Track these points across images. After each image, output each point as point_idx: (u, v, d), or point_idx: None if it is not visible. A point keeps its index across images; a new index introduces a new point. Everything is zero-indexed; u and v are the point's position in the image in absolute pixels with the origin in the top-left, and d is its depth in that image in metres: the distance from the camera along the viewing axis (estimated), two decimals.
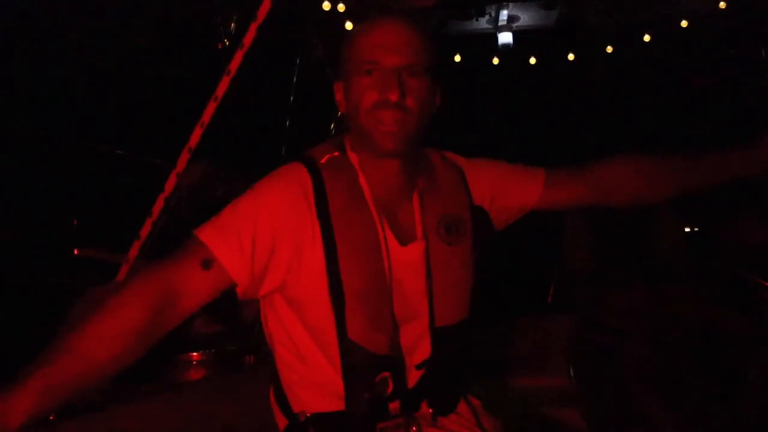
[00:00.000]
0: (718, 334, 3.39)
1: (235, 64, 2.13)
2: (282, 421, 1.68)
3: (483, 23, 5.01)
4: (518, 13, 4.93)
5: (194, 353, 2.37)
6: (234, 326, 2.40)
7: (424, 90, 1.55)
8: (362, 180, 1.60)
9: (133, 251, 2.07)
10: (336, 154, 1.62)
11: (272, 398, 1.72)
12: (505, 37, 5.03)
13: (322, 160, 1.60)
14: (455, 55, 5.10)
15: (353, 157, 1.62)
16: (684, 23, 4.65)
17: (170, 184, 2.09)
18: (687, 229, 4.37)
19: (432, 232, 1.62)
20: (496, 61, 5.17)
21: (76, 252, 2.53)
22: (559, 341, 3.52)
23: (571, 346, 3.48)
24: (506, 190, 1.76)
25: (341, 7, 3.79)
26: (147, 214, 2.12)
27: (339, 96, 1.64)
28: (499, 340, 3.37)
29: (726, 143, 1.82)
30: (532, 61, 5.14)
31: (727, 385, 3.21)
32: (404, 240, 1.60)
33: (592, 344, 3.54)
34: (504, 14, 4.92)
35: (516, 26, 4.99)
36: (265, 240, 1.51)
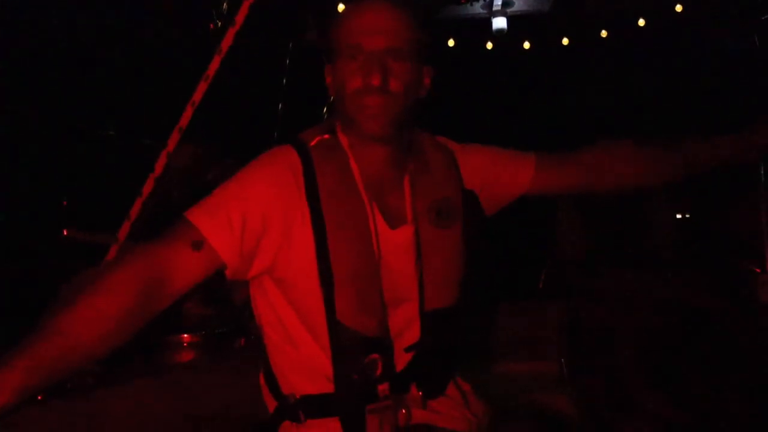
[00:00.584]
0: (708, 320, 3.41)
1: (226, 44, 2.12)
2: (272, 404, 1.69)
3: (477, 8, 4.98)
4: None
5: (185, 335, 2.36)
6: (225, 308, 2.40)
7: (409, 73, 1.55)
8: (352, 163, 1.60)
9: (123, 232, 2.06)
10: (326, 137, 1.62)
11: (262, 381, 1.72)
12: (500, 22, 5.00)
13: (313, 143, 1.61)
14: (449, 39, 5.08)
15: (344, 140, 1.62)
16: (678, 8, 4.65)
17: (160, 165, 2.08)
18: (678, 216, 4.39)
19: (422, 215, 1.62)
20: (489, 46, 5.15)
21: (65, 233, 2.52)
22: (550, 327, 3.53)
23: (562, 332, 3.49)
24: (497, 174, 1.76)
25: None
26: (137, 194, 2.11)
27: (329, 79, 1.63)
28: (491, 325, 3.37)
29: (718, 129, 1.82)
30: (526, 46, 5.12)
31: (716, 369, 3.23)
32: (394, 223, 1.60)
33: (583, 330, 3.56)
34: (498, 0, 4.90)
35: (510, 11, 4.97)
36: (255, 222, 1.52)
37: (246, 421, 1.86)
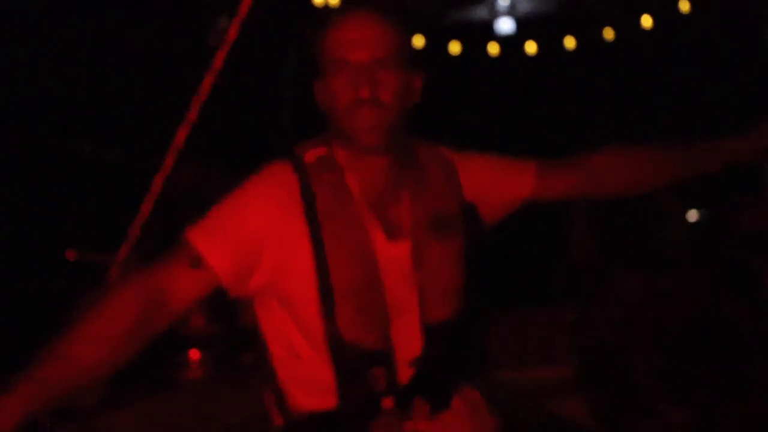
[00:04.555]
0: (723, 323, 3.37)
1: (220, 59, 2.12)
2: (278, 420, 1.67)
3: (480, 12, 4.98)
4: (518, 1, 4.90)
5: (192, 353, 2.36)
6: (232, 325, 2.40)
7: (398, 81, 1.54)
8: (349, 177, 1.59)
9: (123, 253, 2.06)
10: (323, 151, 1.61)
11: (268, 397, 1.71)
12: (505, 25, 4.99)
13: (309, 158, 1.60)
14: (453, 43, 5.07)
15: (340, 154, 1.61)
16: (685, 7, 4.63)
17: (157, 184, 2.08)
18: (691, 219, 4.35)
19: (421, 227, 1.61)
20: (494, 50, 5.14)
21: (69, 254, 2.53)
22: (563, 333, 3.51)
23: (576, 337, 3.46)
24: (498, 182, 1.74)
25: (334, 2, 3.77)
26: (136, 215, 2.11)
27: (319, 96, 1.62)
28: (504, 332, 3.36)
29: (725, 129, 1.80)
30: (532, 49, 5.10)
31: (733, 374, 3.19)
32: (393, 236, 1.59)
33: (597, 336, 3.53)
34: (503, 1, 4.89)
35: (515, 14, 4.96)
36: (252, 239, 1.52)
37: None
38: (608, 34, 4.89)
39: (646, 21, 4.75)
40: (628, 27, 4.85)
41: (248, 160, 1.73)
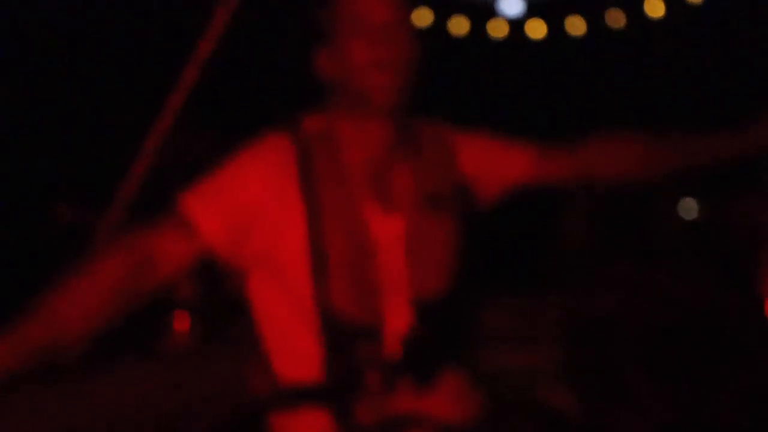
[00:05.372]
0: (713, 314, 3.38)
1: (218, 24, 2.09)
2: (262, 390, 1.67)
3: None
4: None
5: (178, 321, 2.35)
6: (221, 294, 2.39)
7: (412, 45, 1.56)
8: (346, 148, 1.58)
9: (112, 213, 2.04)
10: (321, 121, 1.61)
11: (253, 367, 1.70)
12: (513, 6, 4.95)
13: (307, 128, 1.59)
14: (459, 21, 5.03)
15: (339, 125, 1.60)
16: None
17: (150, 146, 2.06)
18: (687, 211, 4.35)
19: (417, 203, 1.60)
20: (500, 30, 5.10)
21: (59, 209, 2.51)
22: (552, 319, 3.51)
23: (564, 324, 3.47)
24: (497, 161, 1.73)
25: None
26: (127, 176, 2.09)
27: (322, 62, 1.60)
28: (492, 317, 3.35)
29: (726, 122, 1.79)
30: (542, 33, 5.07)
31: (719, 364, 3.20)
32: (387, 210, 1.58)
33: (585, 323, 3.53)
34: None
35: None
36: (245, 207, 1.52)
37: (238, 406, 1.85)
38: (618, 20, 4.87)
39: (657, 9, 4.72)
40: (638, 14, 4.82)
41: (245, 127, 1.72)
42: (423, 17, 4.70)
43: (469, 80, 5.04)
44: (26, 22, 3.55)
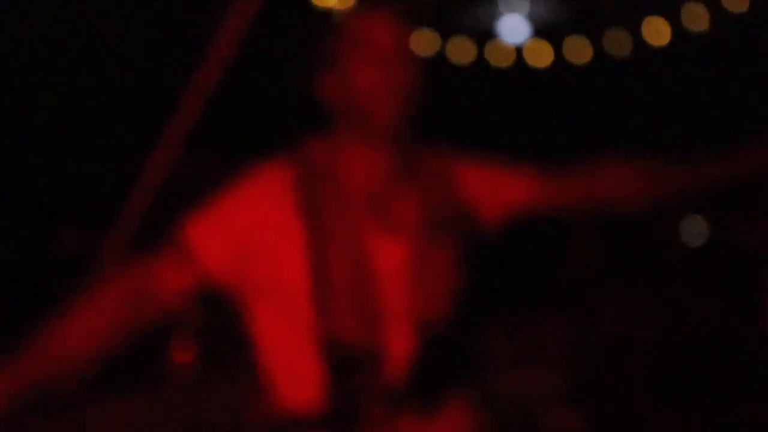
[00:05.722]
0: (718, 335, 3.36)
1: (222, 50, 2.10)
2: (266, 420, 1.65)
3: (495, 16, 4.97)
4: (534, 8, 4.89)
5: (180, 349, 2.34)
6: (223, 320, 2.37)
7: (417, 71, 1.57)
8: (349, 175, 1.58)
9: (114, 241, 2.04)
10: (324, 146, 1.61)
11: (255, 395, 1.69)
12: (516, 28, 4.98)
13: (309, 153, 1.59)
14: (464, 52, 5.06)
15: (340, 149, 1.60)
16: (701, 24, 4.63)
17: (152, 170, 2.06)
18: (694, 233, 4.34)
19: (419, 228, 1.59)
20: (510, 58, 5.12)
21: (60, 232, 2.51)
22: (559, 342, 3.49)
23: (571, 347, 3.45)
24: (498, 186, 1.73)
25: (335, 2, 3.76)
26: (130, 201, 2.09)
27: (326, 88, 1.61)
28: (501, 339, 3.34)
29: (729, 145, 1.79)
30: (549, 58, 5.09)
31: (727, 385, 3.18)
32: (390, 236, 1.57)
33: (593, 346, 3.51)
34: (515, 9, 4.88)
35: (528, 17, 4.95)
36: (246, 233, 1.51)
37: None
38: (622, 47, 4.91)
39: (663, 36, 4.76)
40: (642, 41, 4.85)
41: (247, 152, 1.72)
42: (425, 44, 4.74)
43: (472, 105, 5.07)
44: (27, 48, 3.58)
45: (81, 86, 3.69)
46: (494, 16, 4.96)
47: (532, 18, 4.96)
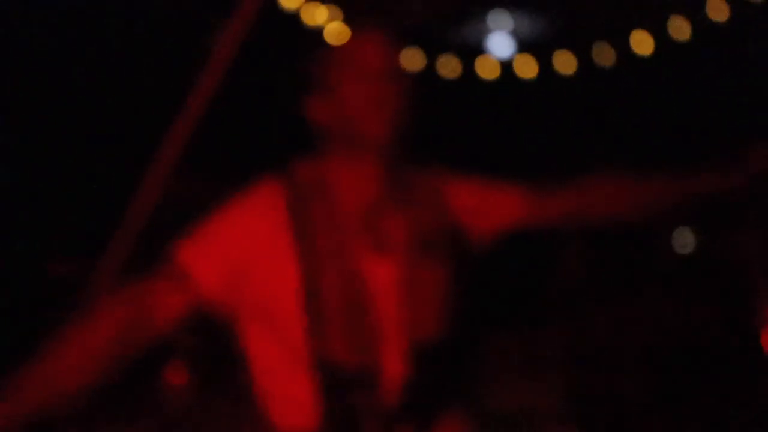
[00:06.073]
0: (711, 346, 3.38)
1: (212, 79, 2.12)
2: None
3: (479, 35, 5.00)
4: (516, 25, 4.93)
5: (176, 372, 2.34)
6: (218, 344, 2.37)
7: (407, 92, 1.59)
8: (339, 195, 1.59)
9: (106, 266, 2.04)
10: (314, 168, 1.62)
11: (250, 417, 1.69)
12: (502, 45, 5.01)
13: (299, 174, 1.60)
14: (451, 68, 5.09)
15: (330, 170, 1.61)
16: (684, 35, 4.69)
17: (144, 196, 2.07)
18: (682, 246, 4.36)
19: (410, 248, 1.60)
20: (491, 68, 5.15)
21: (51, 267, 2.51)
22: (553, 356, 3.49)
23: (565, 360, 3.45)
24: (488, 205, 1.74)
25: (330, 16, 3.79)
26: (120, 228, 2.09)
27: (314, 109, 1.62)
28: (493, 356, 3.34)
29: (711, 159, 1.81)
30: (532, 74, 5.12)
31: (721, 395, 3.19)
32: (381, 255, 1.58)
33: (586, 358, 3.52)
34: (501, 21, 4.92)
35: (514, 38, 4.98)
36: (239, 256, 1.51)
37: None
38: (606, 58, 4.95)
39: (646, 47, 4.80)
40: (626, 53, 4.90)
41: (240, 173, 1.73)
42: (413, 61, 4.77)
43: (460, 121, 5.09)
44: (11, 76, 3.58)
45: (73, 111, 3.69)
46: (482, 32, 5.00)
47: (519, 34, 5.00)
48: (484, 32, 4.99)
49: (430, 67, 4.94)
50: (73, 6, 3.64)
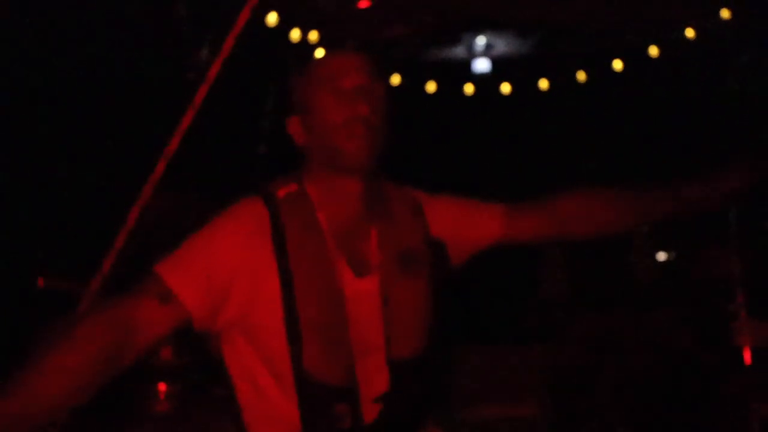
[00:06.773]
0: (690, 363, 3.41)
1: (200, 96, 2.14)
2: None
3: (458, 51, 5.05)
4: (494, 41, 4.98)
5: (162, 385, 2.34)
6: (202, 358, 2.38)
7: (385, 111, 1.62)
8: (319, 213, 1.62)
9: (95, 283, 2.05)
10: (294, 187, 1.64)
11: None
12: (481, 65, 5.07)
13: (280, 193, 1.62)
14: (430, 83, 5.14)
15: (311, 189, 1.64)
16: (653, 51, 4.76)
17: (134, 216, 2.08)
18: (660, 258, 4.40)
19: (389, 264, 1.63)
20: (470, 89, 5.20)
21: (41, 283, 2.50)
22: (530, 371, 3.51)
23: (543, 375, 3.48)
24: (465, 224, 1.76)
25: (313, 37, 3.83)
26: (111, 244, 2.11)
27: (295, 129, 1.66)
28: (471, 370, 3.36)
29: (693, 173, 1.83)
30: (507, 89, 5.18)
31: (699, 412, 3.22)
32: (361, 272, 1.61)
33: (564, 374, 3.55)
34: (480, 42, 4.97)
35: (492, 54, 5.03)
36: (222, 275, 1.53)
37: None
38: (581, 75, 5.01)
39: (618, 63, 4.87)
40: (601, 68, 4.96)
41: (224, 191, 1.75)
42: (392, 79, 4.83)
43: (442, 136, 5.14)
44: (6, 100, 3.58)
45: (62, 129, 3.69)
46: (461, 52, 5.06)
47: (500, 57, 5.06)
48: (462, 51, 5.05)
49: (408, 86, 4.99)
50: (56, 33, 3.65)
